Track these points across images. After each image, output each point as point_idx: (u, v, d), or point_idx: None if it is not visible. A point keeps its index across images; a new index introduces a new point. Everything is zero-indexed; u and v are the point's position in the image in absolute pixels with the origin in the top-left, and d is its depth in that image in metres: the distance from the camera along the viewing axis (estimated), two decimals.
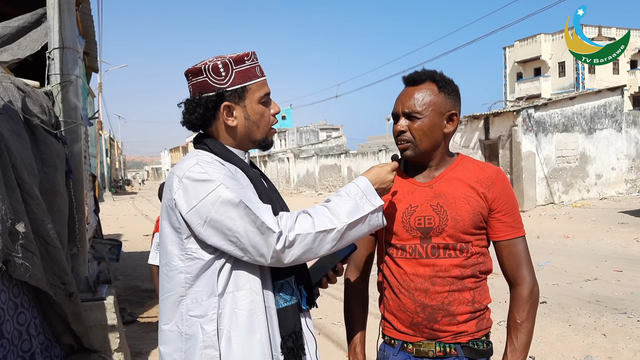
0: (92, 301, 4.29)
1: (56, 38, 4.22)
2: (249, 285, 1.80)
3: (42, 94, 4.04)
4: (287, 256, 1.74)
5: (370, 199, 1.88)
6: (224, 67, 1.85)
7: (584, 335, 5.87)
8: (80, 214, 4.45)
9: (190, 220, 1.74)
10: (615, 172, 20.82)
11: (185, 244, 1.79)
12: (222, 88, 1.85)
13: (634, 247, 11.22)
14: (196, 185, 1.74)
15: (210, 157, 1.85)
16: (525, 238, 2.10)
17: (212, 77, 1.85)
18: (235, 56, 1.87)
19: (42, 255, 3.07)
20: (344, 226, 1.80)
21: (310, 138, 59.13)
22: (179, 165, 1.85)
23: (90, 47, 7.52)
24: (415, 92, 2.02)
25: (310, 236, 1.75)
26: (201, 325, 1.76)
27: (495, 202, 2.03)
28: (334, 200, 1.87)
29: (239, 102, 1.88)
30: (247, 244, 1.72)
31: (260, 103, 1.91)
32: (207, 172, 1.75)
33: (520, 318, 2.01)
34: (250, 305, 1.79)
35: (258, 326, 1.79)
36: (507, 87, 50.39)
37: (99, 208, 9.84)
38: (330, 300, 6.87)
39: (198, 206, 1.73)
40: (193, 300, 1.79)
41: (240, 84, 1.87)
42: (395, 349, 2.09)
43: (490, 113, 20.18)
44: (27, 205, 2.94)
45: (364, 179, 1.93)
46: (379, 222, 1.92)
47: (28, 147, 3.22)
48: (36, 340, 3.02)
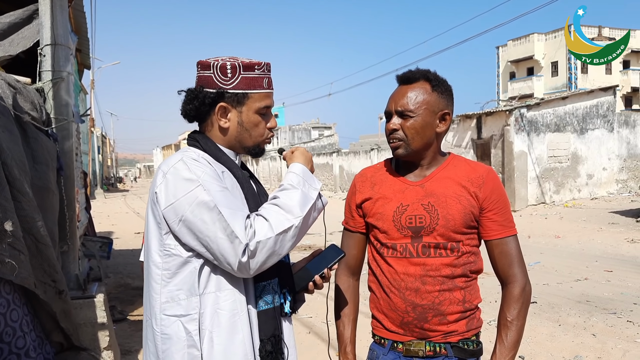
0: (82, 299, 4.27)
1: (48, 34, 4.20)
2: (232, 285, 1.80)
3: (34, 91, 4.02)
4: (251, 265, 1.72)
5: (311, 183, 1.90)
6: (232, 69, 1.86)
7: (574, 335, 5.90)
8: (71, 211, 4.43)
9: (167, 216, 1.75)
10: (606, 172, 20.92)
11: (164, 239, 1.79)
12: (223, 88, 1.87)
13: (624, 248, 11.29)
14: (177, 183, 1.75)
15: (197, 154, 1.85)
16: (517, 237, 2.11)
17: (217, 75, 1.87)
18: (247, 62, 1.88)
19: (32, 253, 3.05)
20: (299, 221, 1.80)
21: (303, 136, 59.10)
22: (166, 160, 1.85)
23: (83, 44, 7.48)
24: (408, 91, 2.02)
25: (270, 240, 1.73)
26: (183, 324, 1.75)
27: (486, 201, 2.03)
28: (281, 195, 1.84)
29: (236, 106, 1.89)
30: (215, 249, 1.71)
31: (258, 113, 1.92)
32: (190, 170, 1.75)
33: (510, 316, 2.02)
34: (232, 306, 1.78)
35: (240, 326, 1.79)
36: (499, 87, 50.54)
37: (91, 205, 9.82)
38: (321, 299, 6.85)
39: (175, 204, 1.73)
40: (169, 299, 1.78)
41: (243, 90, 1.88)
42: (385, 348, 2.09)
43: (483, 112, 20.23)
44: (18, 202, 2.92)
45: (298, 164, 1.94)
46: (322, 204, 1.93)
47: (19, 143, 3.20)
48: (29, 337, 3.01)
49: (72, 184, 4.51)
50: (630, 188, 21.24)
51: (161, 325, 1.78)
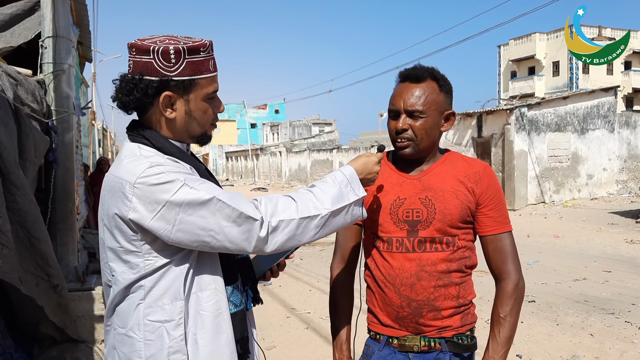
0: (80, 291, 4.28)
1: (49, 26, 4.20)
2: (214, 285, 1.73)
3: (35, 83, 4.02)
4: (270, 243, 1.67)
5: (354, 189, 1.84)
6: (175, 53, 1.66)
7: (572, 335, 5.90)
8: (70, 204, 4.43)
9: (155, 228, 1.59)
10: (606, 173, 20.92)
11: (142, 250, 1.65)
12: (167, 76, 1.67)
13: (623, 248, 11.29)
14: (155, 190, 1.58)
15: (159, 154, 1.70)
16: (512, 234, 2.10)
17: (159, 61, 1.66)
18: (191, 44, 1.69)
19: (24, 246, 3.05)
20: (327, 213, 1.75)
21: (303, 132, 59.16)
22: (126, 168, 1.65)
23: (84, 37, 7.48)
24: (417, 90, 1.99)
25: (294, 222, 1.69)
26: (167, 330, 1.65)
27: (482, 197, 2.03)
28: (319, 185, 1.81)
29: (182, 95, 1.71)
30: (223, 240, 1.63)
31: (205, 100, 1.76)
32: (164, 173, 1.60)
33: (503, 312, 2.02)
34: (215, 306, 1.71)
35: (225, 326, 1.72)
36: (501, 86, 50.53)
37: (92, 198, 9.80)
38: (319, 294, 6.89)
39: (162, 211, 1.58)
40: (151, 304, 1.66)
41: (189, 76, 1.69)
42: (380, 344, 2.09)
43: (484, 111, 20.22)
44: (11, 195, 2.91)
45: (350, 167, 1.89)
46: (359, 213, 1.88)
47: (15, 138, 3.20)
48: None
49: (72, 176, 4.51)
50: (630, 189, 21.25)
51: (145, 331, 1.66)
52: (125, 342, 1.70)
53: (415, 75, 2.01)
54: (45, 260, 3.27)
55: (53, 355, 3.77)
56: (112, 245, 1.69)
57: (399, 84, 2.06)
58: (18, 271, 2.97)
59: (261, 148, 47.99)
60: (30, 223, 3.11)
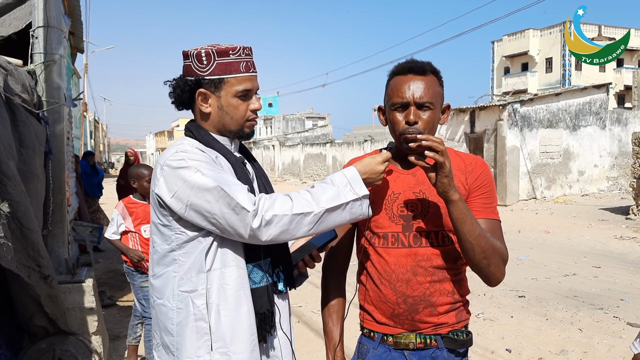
0: (71, 283, 4.27)
1: (40, 16, 4.17)
2: (236, 262, 1.95)
3: (25, 73, 3.99)
4: (264, 234, 1.84)
5: (354, 188, 1.92)
6: (206, 56, 1.96)
7: (561, 330, 5.94)
8: (61, 196, 4.41)
9: (173, 205, 1.88)
10: (597, 169, 21.00)
11: (172, 226, 1.93)
12: (200, 75, 1.98)
13: (613, 244, 11.35)
14: (175, 172, 1.87)
15: (191, 145, 1.98)
16: (500, 224, 2.07)
17: (195, 63, 1.98)
18: (222, 48, 1.97)
19: (16, 237, 3.03)
20: (321, 210, 1.88)
21: (297, 126, 59.00)
22: (162, 154, 1.99)
23: (76, 27, 7.43)
24: (424, 82, 1.97)
25: (286, 217, 1.84)
26: (192, 299, 1.91)
27: (473, 185, 2.02)
28: (318, 186, 1.94)
29: (214, 92, 2.00)
30: (224, 224, 1.84)
31: (237, 97, 2.01)
32: (185, 159, 1.88)
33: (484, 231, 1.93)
34: (237, 281, 1.94)
35: (245, 300, 1.95)
36: (494, 81, 50.56)
37: (83, 191, 9.77)
38: (310, 288, 6.88)
39: (178, 192, 1.86)
40: (182, 276, 1.93)
41: (219, 75, 1.98)
42: (375, 342, 2.08)
43: (477, 107, 20.24)
44: (2, 185, 2.89)
45: (352, 168, 1.97)
46: (362, 211, 1.94)
47: (7, 127, 3.18)
48: None
49: (63, 167, 4.48)
50: (620, 185, 21.34)
51: (177, 300, 1.94)
52: (162, 311, 1.99)
53: (421, 68, 1.99)
54: (37, 250, 3.26)
55: (42, 347, 3.76)
56: (154, 220, 2.00)
57: (400, 77, 2.01)
58: (14, 260, 2.96)
59: (254, 142, 47.87)
60: (22, 213, 3.10)
